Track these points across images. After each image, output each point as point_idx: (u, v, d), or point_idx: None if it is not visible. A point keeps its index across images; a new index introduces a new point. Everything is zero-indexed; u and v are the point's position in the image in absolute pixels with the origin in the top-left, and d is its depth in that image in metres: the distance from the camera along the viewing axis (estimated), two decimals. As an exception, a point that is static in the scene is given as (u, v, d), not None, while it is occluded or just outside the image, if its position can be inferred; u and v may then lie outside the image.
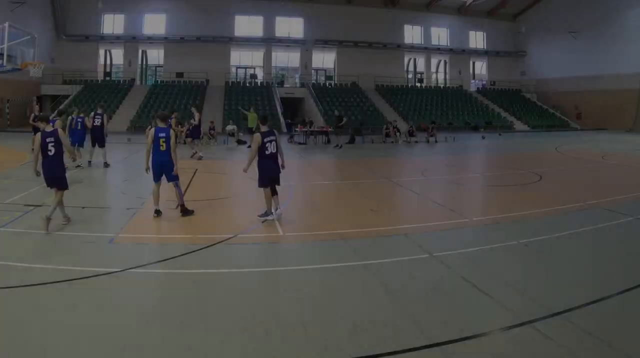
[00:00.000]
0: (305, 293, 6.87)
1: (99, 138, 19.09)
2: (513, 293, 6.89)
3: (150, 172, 11.39)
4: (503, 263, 8.25)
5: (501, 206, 13.25)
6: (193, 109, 24.18)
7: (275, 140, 11.18)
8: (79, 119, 19.10)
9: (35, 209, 11.60)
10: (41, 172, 10.21)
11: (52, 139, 9.97)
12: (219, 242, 9.25)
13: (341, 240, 9.49)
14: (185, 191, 14.29)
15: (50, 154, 9.97)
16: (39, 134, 10.08)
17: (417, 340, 5.49)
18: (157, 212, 11.25)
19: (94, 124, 18.85)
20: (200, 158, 22.03)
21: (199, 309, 6.28)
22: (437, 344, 5.39)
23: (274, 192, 11.26)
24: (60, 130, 10.17)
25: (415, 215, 12.20)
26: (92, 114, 18.88)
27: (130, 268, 7.65)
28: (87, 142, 19.18)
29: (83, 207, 12.04)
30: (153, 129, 11.42)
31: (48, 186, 10.33)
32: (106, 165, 18.79)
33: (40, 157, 10.07)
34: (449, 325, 5.88)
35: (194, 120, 23.31)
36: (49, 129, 10.18)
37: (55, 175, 10.22)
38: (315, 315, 6.16)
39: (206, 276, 7.54)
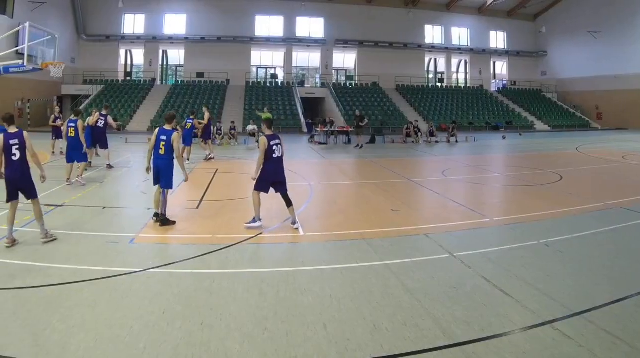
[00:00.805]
0: (326, 293, 6.87)
1: (102, 140, 18.81)
2: (533, 293, 6.88)
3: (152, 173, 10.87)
4: (523, 263, 8.19)
5: (521, 206, 13.19)
6: (204, 109, 23.97)
7: (281, 144, 10.76)
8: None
9: (56, 209, 11.73)
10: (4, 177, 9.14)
11: (17, 142, 9.07)
12: (240, 242, 9.29)
13: (362, 240, 9.50)
14: (206, 191, 14.39)
15: (15, 158, 9.01)
16: (1, 136, 8.97)
17: (437, 340, 5.51)
18: (156, 216, 10.71)
19: (97, 125, 18.51)
20: (211, 159, 21.99)
21: (219, 309, 6.30)
22: (458, 344, 5.41)
23: (289, 203, 10.66)
24: (25, 133, 9.34)
25: (436, 215, 12.14)
26: (98, 114, 18.66)
27: (151, 268, 7.73)
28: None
29: (104, 207, 12.17)
30: (157, 130, 10.93)
31: (8, 198, 9.04)
32: (109, 166, 18.68)
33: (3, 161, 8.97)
34: (469, 325, 5.90)
35: (204, 120, 22.99)
36: (12, 130, 9.24)
37: (20, 183, 9.18)
38: (336, 315, 6.17)
39: (227, 276, 7.54)
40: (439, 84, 60.86)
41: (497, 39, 62.68)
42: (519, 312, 6.30)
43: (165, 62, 57.72)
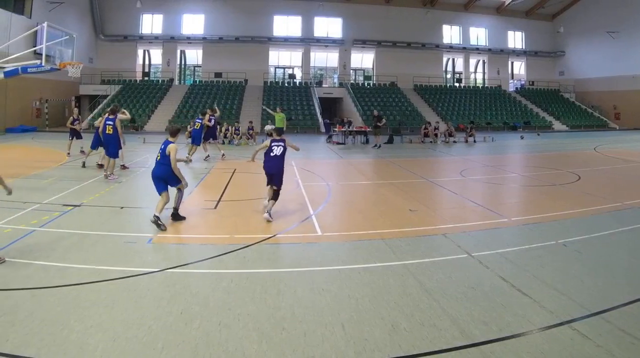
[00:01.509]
0: (344, 293, 6.87)
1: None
2: (551, 293, 6.86)
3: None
4: (541, 263, 8.16)
5: (539, 206, 13.12)
6: (208, 109, 23.87)
7: (283, 146, 11.66)
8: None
9: (74, 209, 11.77)
10: None
11: None
12: (257, 242, 9.30)
13: (380, 240, 9.49)
14: (224, 191, 14.43)
15: None
16: None
17: (455, 340, 5.51)
18: (157, 220, 10.30)
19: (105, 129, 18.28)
20: (207, 157, 22.04)
21: (237, 309, 6.31)
22: (476, 344, 5.41)
23: (274, 197, 11.39)
24: None
25: (453, 215, 12.09)
26: (105, 116, 18.64)
27: (169, 268, 7.76)
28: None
29: (122, 207, 12.23)
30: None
31: None
32: (123, 167, 18.55)
33: None
34: (487, 325, 5.89)
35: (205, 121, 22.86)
36: None
37: None
38: (353, 315, 6.17)
39: (244, 276, 7.55)
40: (456, 84, 60.76)
41: (515, 39, 62.42)
42: (537, 312, 6.28)
43: (183, 62, 57.88)
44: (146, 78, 55.91)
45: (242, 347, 5.34)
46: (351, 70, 58.92)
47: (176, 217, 11.09)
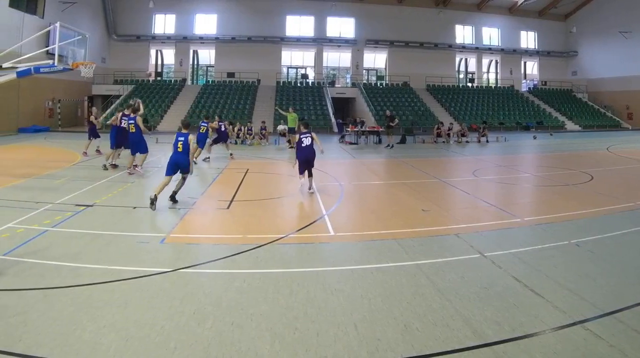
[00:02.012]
0: (356, 293, 6.87)
1: (126, 140, 18.50)
2: (564, 293, 6.84)
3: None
4: (554, 263, 8.14)
5: (552, 206, 13.10)
6: (217, 116, 24.58)
7: (310, 136, 14.76)
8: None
9: (87, 209, 11.80)
10: None
11: None
12: (270, 242, 9.30)
13: (392, 240, 9.48)
14: (237, 191, 14.46)
15: None
16: None
17: (468, 340, 5.50)
18: (154, 200, 11.99)
19: (121, 126, 18.32)
20: (207, 158, 22.08)
21: (250, 309, 6.32)
22: (489, 344, 5.41)
23: (310, 174, 14.64)
24: None
25: (466, 215, 12.09)
26: (120, 114, 18.70)
27: (181, 268, 7.76)
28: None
29: (134, 207, 12.25)
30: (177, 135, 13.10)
31: None
32: (134, 167, 18.48)
33: None
34: (500, 325, 5.88)
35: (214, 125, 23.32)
36: None
37: None
38: (366, 315, 6.17)
39: (257, 276, 7.55)
40: (469, 84, 60.47)
41: (528, 39, 62.17)
42: (549, 312, 6.27)
43: (195, 62, 57.87)
44: (159, 78, 55.95)
45: (254, 347, 5.34)
46: (364, 70, 58.81)
47: (173, 199, 12.82)
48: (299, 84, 55.58)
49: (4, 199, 11.75)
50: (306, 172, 14.61)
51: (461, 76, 61.99)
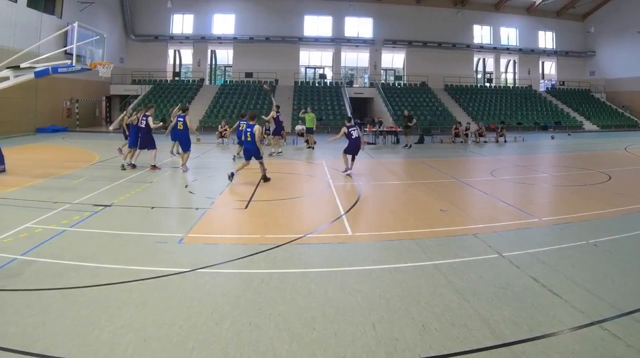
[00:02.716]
0: (374, 293, 6.85)
1: (146, 140, 18.75)
2: (582, 293, 6.81)
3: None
4: (572, 263, 8.11)
5: (570, 206, 13.06)
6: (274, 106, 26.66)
7: (357, 129, 18.09)
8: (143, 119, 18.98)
9: (105, 209, 11.83)
10: None
11: None
12: (288, 242, 9.29)
13: (410, 240, 9.46)
14: (255, 191, 14.48)
15: None
16: None
17: (486, 340, 5.48)
18: (232, 176, 15.76)
19: (140, 126, 18.59)
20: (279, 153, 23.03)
21: (268, 309, 6.30)
22: (507, 344, 5.38)
23: (353, 159, 18.17)
24: None
25: (484, 215, 12.04)
26: (140, 114, 18.90)
27: (199, 268, 7.75)
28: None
29: (152, 207, 12.23)
30: (242, 124, 16.77)
31: None
32: (153, 167, 18.62)
33: None
34: (518, 325, 5.85)
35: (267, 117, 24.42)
36: None
37: None
38: (384, 315, 6.15)
39: (275, 276, 7.53)
40: (487, 84, 60.42)
41: (546, 39, 61.94)
42: (567, 312, 6.24)
43: (213, 62, 58.15)
44: (177, 78, 56.26)
45: (272, 347, 5.33)
46: (382, 70, 58.81)
47: (266, 178, 15.95)
48: (317, 84, 55.68)
49: (22, 199, 11.84)
50: (350, 157, 18.00)
51: (479, 76, 61.92)
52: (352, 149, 17.89)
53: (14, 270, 7.56)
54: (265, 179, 15.87)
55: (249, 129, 15.68)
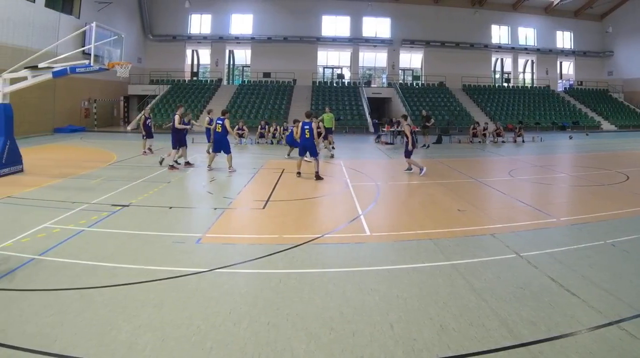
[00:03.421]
0: (392, 293, 6.85)
1: (180, 139, 19.24)
2: (600, 293, 6.80)
3: None
4: (590, 263, 8.09)
5: (588, 206, 13.03)
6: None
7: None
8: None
9: (123, 209, 11.87)
10: None
11: None
12: (306, 242, 9.30)
13: (428, 240, 9.47)
14: (272, 191, 14.52)
15: None
16: None
17: (504, 340, 5.48)
18: (299, 174, 17.02)
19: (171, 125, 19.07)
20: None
21: (285, 309, 6.31)
22: (524, 344, 5.38)
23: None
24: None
25: (502, 215, 12.02)
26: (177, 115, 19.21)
27: (217, 268, 7.76)
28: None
29: (170, 207, 12.26)
30: (301, 123, 17.26)
31: None
32: (187, 163, 19.19)
33: None
34: (536, 325, 5.85)
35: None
36: None
37: None
38: (402, 315, 6.15)
39: (293, 276, 7.53)
40: (505, 84, 60.19)
41: (564, 39, 61.61)
42: (585, 312, 6.23)
43: (231, 62, 58.29)
44: (195, 78, 56.39)
45: (290, 347, 5.34)
46: (400, 70, 58.75)
47: (318, 177, 16.55)
48: (334, 84, 55.59)
49: (41, 199, 11.92)
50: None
51: (497, 76, 61.66)
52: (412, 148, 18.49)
53: (32, 270, 7.60)
54: (318, 177, 16.51)
55: (306, 126, 16.71)
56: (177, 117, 18.39)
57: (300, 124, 16.93)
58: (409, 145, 18.17)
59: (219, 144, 18.34)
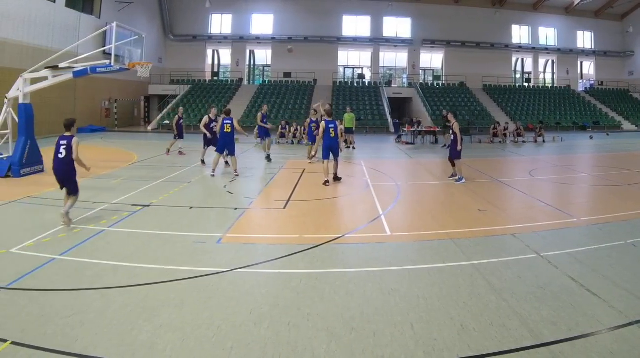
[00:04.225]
0: (412, 293, 6.84)
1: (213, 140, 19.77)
2: (621, 293, 6.77)
3: None
4: (611, 263, 8.06)
5: (609, 206, 12.97)
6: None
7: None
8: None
9: (144, 209, 11.94)
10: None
11: (65, 144, 10.52)
12: (326, 242, 9.31)
13: (449, 240, 9.47)
14: (293, 191, 14.55)
15: (61, 156, 10.50)
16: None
17: (524, 340, 5.46)
18: (327, 183, 15.41)
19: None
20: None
21: (306, 309, 6.32)
22: (545, 344, 5.36)
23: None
24: (74, 139, 10.59)
25: (522, 215, 12.01)
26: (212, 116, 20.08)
27: (238, 268, 7.78)
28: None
29: (191, 207, 12.33)
30: (324, 121, 16.21)
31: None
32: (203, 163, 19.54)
33: None
34: (556, 325, 5.83)
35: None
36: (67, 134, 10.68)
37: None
38: (422, 315, 6.15)
39: (313, 276, 7.54)
40: (526, 84, 59.91)
41: (585, 39, 61.30)
42: (606, 312, 6.21)
43: (252, 62, 58.36)
44: (215, 78, 56.54)
45: (311, 347, 5.35)
46: (420, 70, 58.67)
47: (337, 178, 16.09)
48: (355, 84, 55.62)
49: (61, 199, 11.93)
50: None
51: (517, 76, 61.47)
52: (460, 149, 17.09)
53: (53, 270, 7.66)
54: (337, 178, 16.16)
55: (331, 126, 15.97)
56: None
57: (324, 122, 16.07)
58: (457, 145, 17.00)
59: (226, 144, 17.77)
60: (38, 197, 13.12)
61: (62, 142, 10.56)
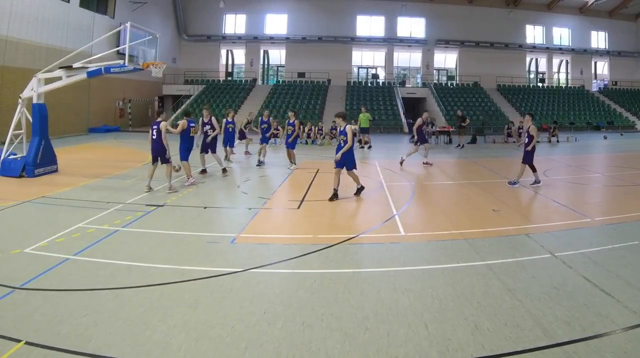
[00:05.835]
0: (427, 293, 6.84)
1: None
2: (635, 293, 6.75)
3: None
4: (625, 263, 8.03)
5: (623, 206, 12.91)
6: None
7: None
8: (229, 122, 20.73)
9: (158, 209, 11.97)
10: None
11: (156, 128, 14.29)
12: (341, 242, 9.31)
13: (463, 240, 9.46)
14: (307, 191, 14.59)
15: (154, 137, 14.32)
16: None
17: (538, 340, 5.45)
18: (336, 196, 13.44)
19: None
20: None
21: (320, 309, 6.32)
22: (559, 344, 5.35)
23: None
24: (162, 123, 14.06)
25: (536, 215, 12.05)
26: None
27: (252, 268, 7.79)
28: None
29: (205, 207, 12.36)
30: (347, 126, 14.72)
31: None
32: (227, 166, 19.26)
33: None
34: (570, 325, 5.82)
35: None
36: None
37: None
38: (436, 315, 6.14)
39: (327, 276, 7.54)
40: (540, 84, 59.61)
41: (599, 39, 60.96)
42: (620, 312, 6.19)
43: (266, 62, 58.37)
44: (229, 78, 56.56)
45: (325, 347, 5.36)
46: (434, 70, 58.52)
47: (359, 191, 14.19)
48: (369, 84, 55.55)
49: (75, 199, 12.04)
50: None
51: (532, 76, 61.27)
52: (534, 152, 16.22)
53: (67, 270, 7.70)
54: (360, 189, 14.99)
55: (342, 130, 14.73)
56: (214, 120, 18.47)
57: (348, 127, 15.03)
58: (529, 147, 16.31)
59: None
60: (52, 197, 13.16)
61: (154, 127, 14.29)
